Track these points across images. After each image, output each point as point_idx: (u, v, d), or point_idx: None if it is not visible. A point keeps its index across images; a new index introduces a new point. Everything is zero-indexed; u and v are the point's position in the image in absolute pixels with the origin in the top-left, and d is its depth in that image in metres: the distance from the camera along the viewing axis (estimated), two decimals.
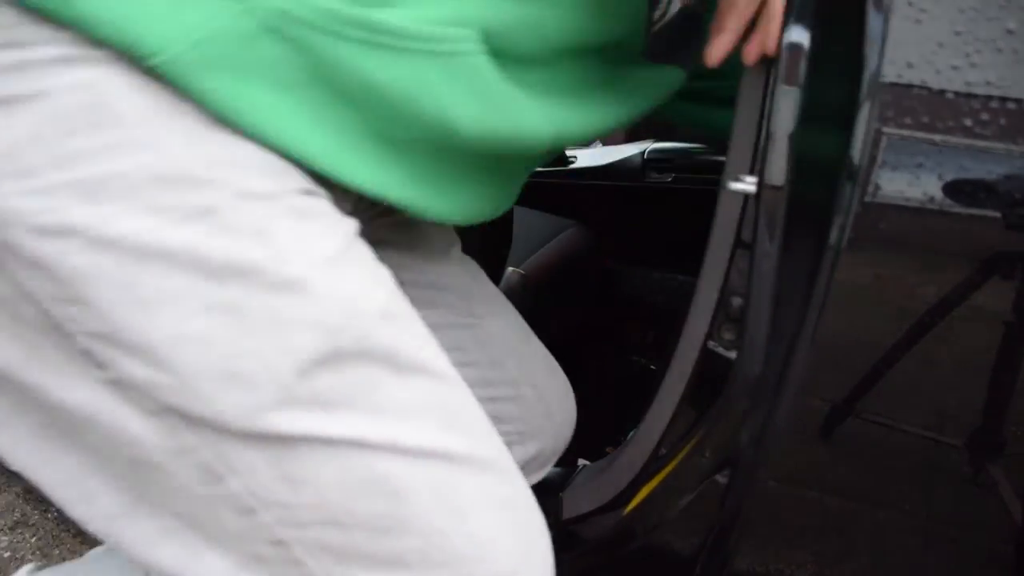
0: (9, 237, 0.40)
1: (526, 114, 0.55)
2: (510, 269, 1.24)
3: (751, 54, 0.60)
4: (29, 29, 0.40)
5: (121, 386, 0.42)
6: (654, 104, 0.70)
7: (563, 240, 1.43)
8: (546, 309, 1.35)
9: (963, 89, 0.55)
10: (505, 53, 0.52)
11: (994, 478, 0.59)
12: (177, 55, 0.41)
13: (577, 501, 0.87)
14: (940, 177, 0.56)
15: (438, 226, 0.77)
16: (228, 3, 0.42)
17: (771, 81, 0.62)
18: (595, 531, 0.84)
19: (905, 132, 0.56)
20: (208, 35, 0.42)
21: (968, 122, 0.55)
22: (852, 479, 0.66)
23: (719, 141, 0.71)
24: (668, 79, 0.71)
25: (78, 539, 1.44)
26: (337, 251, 0.46)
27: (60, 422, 0.44)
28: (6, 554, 1.39)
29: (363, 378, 0.45)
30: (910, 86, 0.56)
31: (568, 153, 1.66)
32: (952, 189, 0.56)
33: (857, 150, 0.57)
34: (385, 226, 0.69)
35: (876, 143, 0.57)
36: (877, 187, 0.58)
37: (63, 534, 1.46)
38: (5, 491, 1.54)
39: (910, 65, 0.56)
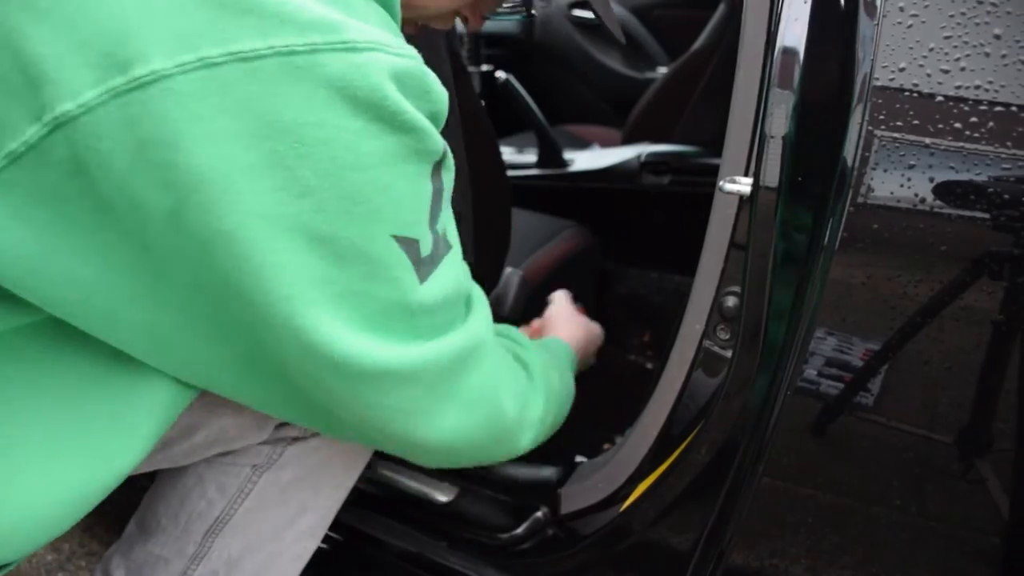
0: None
1: None
2: (509, 269, 1.24)
3: None
4: None
5: None
6: None
7: (561, 241, 1.44)
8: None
9: (953, 93, 0.56)
10: None
11: (983, 475, 0.60)
12: None
13: (575, 497, 0.87)
14: (931, 179, 0.57)
15: None
16: None
17: (765, 84, 0.63)
18: (592, 527, 0.85)
19: (896, 134, 0.57)
20: None
21: (958, 125, 0.56)
22: (845, 476, 0.66)
23: (715, 144, 0.72)
24: None
25: (87, 534, 1.44)
26: None
27: None
28: None
29: None
30: (901, 89, 0.57)
31: (566, 156, 1.66)
32: (942, 190, 0.56)
33: (849, 152, 0.58)
34: None
35: (868, 145, 0.58)
36: (869, 188, 0.58)
37: (72, 528, 1.45)
38: None
39: (901, 69, 0.57)
